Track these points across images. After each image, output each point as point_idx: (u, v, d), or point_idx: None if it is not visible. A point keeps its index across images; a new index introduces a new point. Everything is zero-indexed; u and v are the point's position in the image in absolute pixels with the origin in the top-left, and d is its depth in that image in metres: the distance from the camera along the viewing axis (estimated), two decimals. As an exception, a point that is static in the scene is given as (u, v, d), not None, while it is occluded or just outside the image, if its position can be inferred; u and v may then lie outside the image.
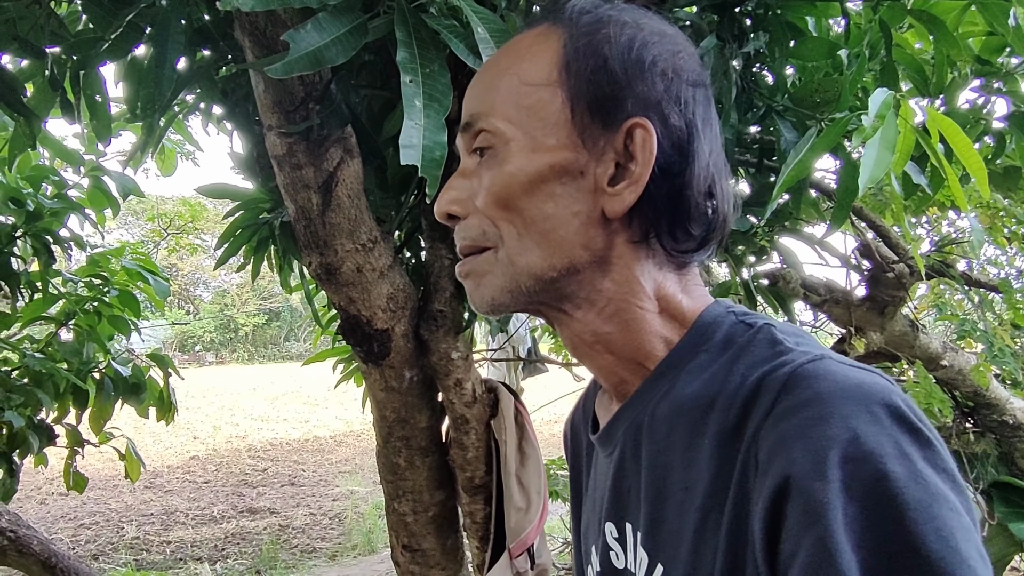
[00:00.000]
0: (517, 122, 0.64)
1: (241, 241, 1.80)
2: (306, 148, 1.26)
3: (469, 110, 0.68)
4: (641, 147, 0.62)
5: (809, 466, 0.48)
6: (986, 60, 1.67)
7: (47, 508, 7.91)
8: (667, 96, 0.64)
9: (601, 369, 0.69)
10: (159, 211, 9.23)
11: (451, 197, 0.68)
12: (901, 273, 2.25)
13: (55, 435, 2.37)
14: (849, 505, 0.46)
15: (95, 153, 2.16)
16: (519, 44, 0.68)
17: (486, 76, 0.68)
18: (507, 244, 0.65)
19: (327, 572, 5.86)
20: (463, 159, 0.69)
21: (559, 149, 0.63)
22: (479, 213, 0.66)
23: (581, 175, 0.64)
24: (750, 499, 0.52)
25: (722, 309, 0.67)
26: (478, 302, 0.68)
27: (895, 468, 0.47)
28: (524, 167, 0.63)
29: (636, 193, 0.62)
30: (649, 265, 0.66)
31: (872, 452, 0.47)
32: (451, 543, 1.80)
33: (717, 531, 0.55)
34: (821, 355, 0.55)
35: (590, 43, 0.64)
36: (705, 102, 0.66)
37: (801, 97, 1.53)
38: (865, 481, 0.47)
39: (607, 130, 0.63)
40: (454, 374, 1.59)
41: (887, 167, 1.18)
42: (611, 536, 0.70)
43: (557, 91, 0.64)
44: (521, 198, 0.64)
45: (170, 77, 1.17)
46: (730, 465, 0.55)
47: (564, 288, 0.65)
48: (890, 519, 0.45)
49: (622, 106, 0.63)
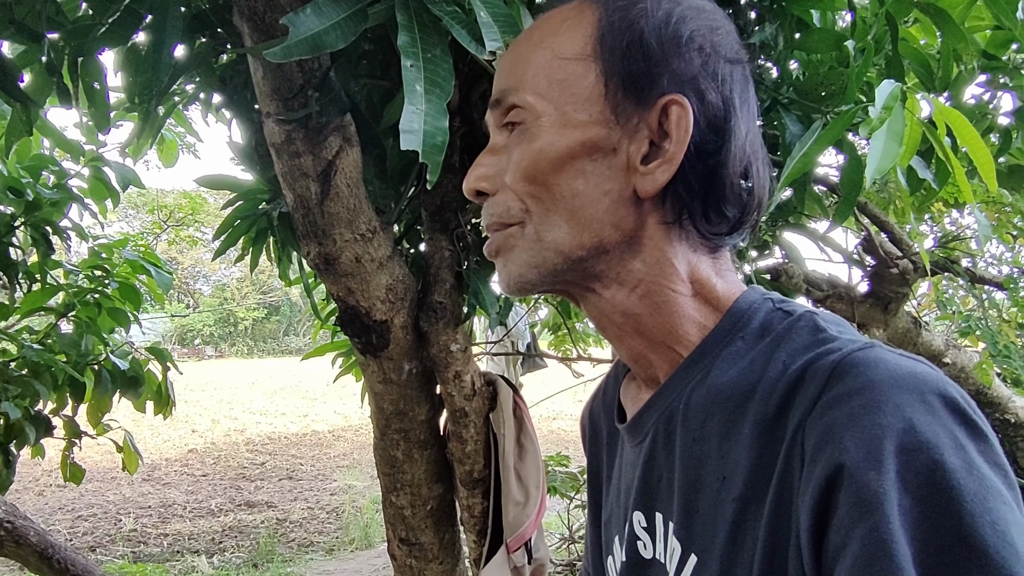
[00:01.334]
0: (549, 97, 0.63)
1: (239, 232, 1.78)
2: (305, 136, 1.25)
3: (500, 85, 0.66)
4: (676, 125, 0.61)
5: (863, 455, 0.46)
6: (992, 55, 1.65)
7: (44, 500, 7.90)
8: (704, 72, 0.62)
9: (630, 352, 0.68)
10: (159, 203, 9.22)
11: (480, 173, 0.66)
12: (905, 269, 2.23)
13: (52, 427, 2.36)
14: (904, 496, 0.45)
15: (95, 143, 2.15)
16: (553, 18, 0.66)
17: (518, 50, 0.67)
18: (535, 220, 0.63)
19: (324, 566, 5.85)
20: (492, 135, 0.68)
21: (591, 125, 0.62)
22: (507, 189, 0.64)
23: (613, 152, 0.62)
24: (794, 489, 0.51)
25: (758, 295, 0.65)
26: (506, 280, 0.66)
27: (951, 459, 0.45)
28: (555, 142, 0.62)
29: (669, 172, 0.61)
30: (682, 246, 0.64)
31: (928, 442, 0.46)
32: (448, 537, 1.79)
33: (757, 522, 0.54)
34: (870, 343, 0.54)
35: (625, 17, 0.62)
36: (743, 80, 0.65)
37: (806, 90, 1.52)
38: (920, 472, 0.45)
39: (641, 107, 0.62)
40: (453, 367, 1.58)
41: (894, 159, 1.17)
42: (639, 526, 0.69)
43: (591, 65, 0.62)
44: (551, 174, 0.62)
45: (167, 63, 1.16)
46: (772, 454, 0.54)
47: (592, 267, 0.64)
48: (946, 511, 0.44)
49: (657, 82, 0.61)
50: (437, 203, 1.53)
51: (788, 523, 0.51)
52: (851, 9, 1.53)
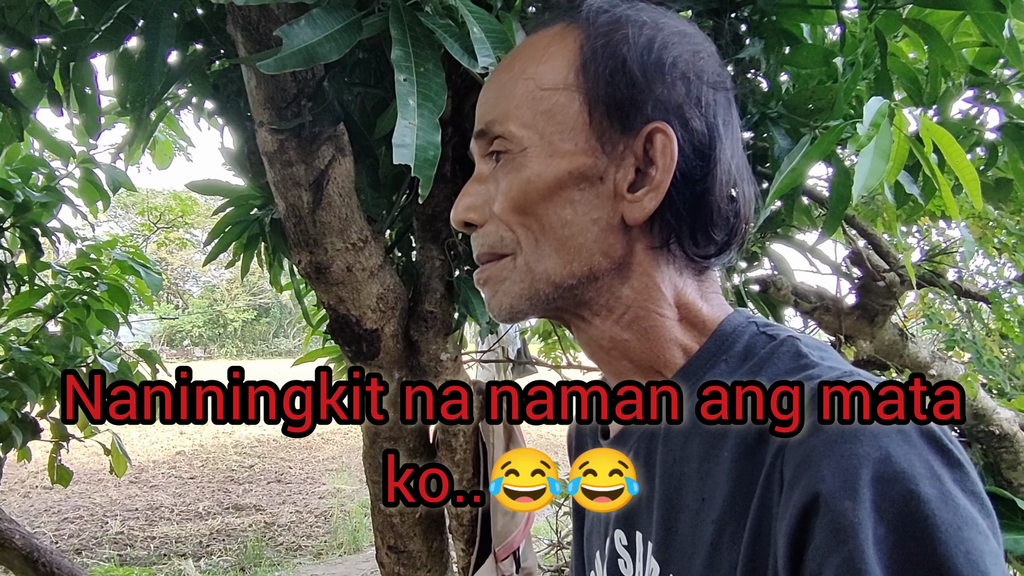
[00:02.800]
0: (534, 127, 0.63)
1: (231, 237, 1.78)
2: (297, 145, 1.25)
3: (484, 116, 0.66)
4: (661, 153, 0.61)
5: (839, 484, 0.47)
6: (980, 71, 1.67)
7: (30, 502, 7.85)
8: (688, 99, 0.62)
9: (616, 375, 0.68)
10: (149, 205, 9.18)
11: (467, 204, 0.66)
12: (891, 282, 2.25)
13: (40, 429, 2.35)
14: (879, 525, 0.45)
15: (86, 145, 2.15)
16: (534, 45, 0.66)
17: (500, 80, 0.67)
18: (525, 251, 0.64)
19: (312, 570, 5.84)
20: (478, 164, 0.68)
21: (577, 154, 0.62)
22: (496, 219, 0.64)
23: (600, 181, 0.62)
24: (773, 514, 0.51)
25: (743, 319, 0.65)
26: (496, 309, 0.66)
27: (926, 489, 0.46)
28: (542, 173, 0.62)
29: (657, 200, 0.61)
30: (669, 271, 0.64)
31: (903, 472, 0.46)
32: (437, 545, 1.79)
33: (734, 545, 0.54)
34: (849, 371, 0.54)
35: (608, 44, 0.62)
36: (726, 104, 0.65)
37: (795, 104, 1.53)
38: (896, 502, 0.46)
39: (626, 134, 0.62)
40: (443, 375, 1.59)
41: (881, 175, 1.18)
42: (620, 544, 0.69)
43: (574, 94, 0.62)
44: (539, 204, 0.62)
45: (160, 70, 1.16)
46: (751, 479, 0.54)
47: (583, 295, 0.64)
48: (920, 541, 0.44)
49: (641, 109, 0.61)
50: (428, 213, 1.53)
51: (767, 547, 0.52)
52: (840, 24, 1.54)
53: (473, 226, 0.67)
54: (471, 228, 0.67)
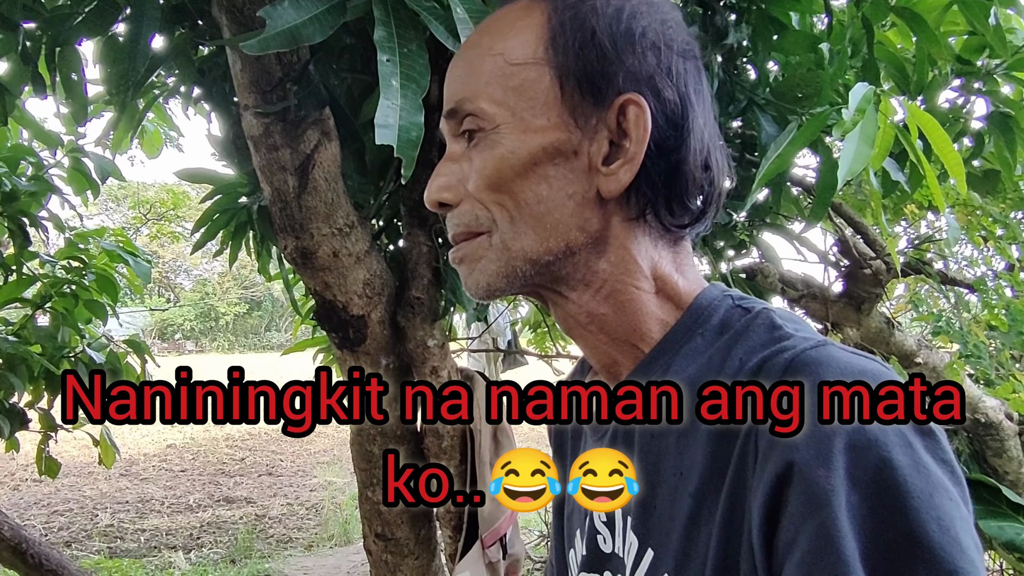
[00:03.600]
0: (505, 104, 0.62)
1: (219, 226, 1.78)
2: (283, 129, 1.25)
3: (453, 96, 0.65)
4: (635, 124, 0.61)
5: (812, 453, 0.47)
6: (967, 60, 1.67)
7: (20, 494, 7.82)
8: (659, 69, 0.62)
9: (594, 349, 0.68)
10: (141, 197, 9.14)
11: (441, 183, 0.65)
12: (878, 270, 2.26)
13: (27, 420, 2.34)
14: (852, 493, 0.46)
15: (75, 134, 2.13)
16: (500, 21, 0.66)
17: (467, 57, 0.66)
18: (501, 228, 0.63)
19: (303, 562, 5.83)
20: (449, 144, 0.67)
21: (550, 129, 0.61)
22: (471, 198, 0.64)
23: (575, 155, 0.62)
24: (748, 485, 0.52)
25: (718, 292, 0.65)
26: (473, 288, 0.66)
27: (898, 456, 0.46)
28: (515, 150, 0.61)
29: (632, 172, 0.61)
30: (645, 242, 0.64)
31: (876, 440, 0.47)
32: (424, 533, 1.80)
33: (711, 517, 0.54)
34: (823, 341, 0.55)
35: (576, 16, 0.62)
36: (696, 72, 0.65)
37: (782, 91, 1.53)
38: (868, 469, 0.46)
39: (598, 107, 0.61)
40: (430, 362, 1.59)
41: (866, 161, 1.18)
42: (599, 520, 0.69)
43: (544, 69, 0.62)
44: (514, 181, 0.62)
45: (144, 53, 1.16)
46: (727, 450, 0.54)
47: (560, 270, 0.64)
48: (892, 508, 0.45)
49: (612, 81, 0.61)
50: (415, 198, 1.53)
51: (741, 519, 0.52)
52: (828, 12, 1.55)
53: (448, 206, 0.66)
54: (445, 208, 0.67)
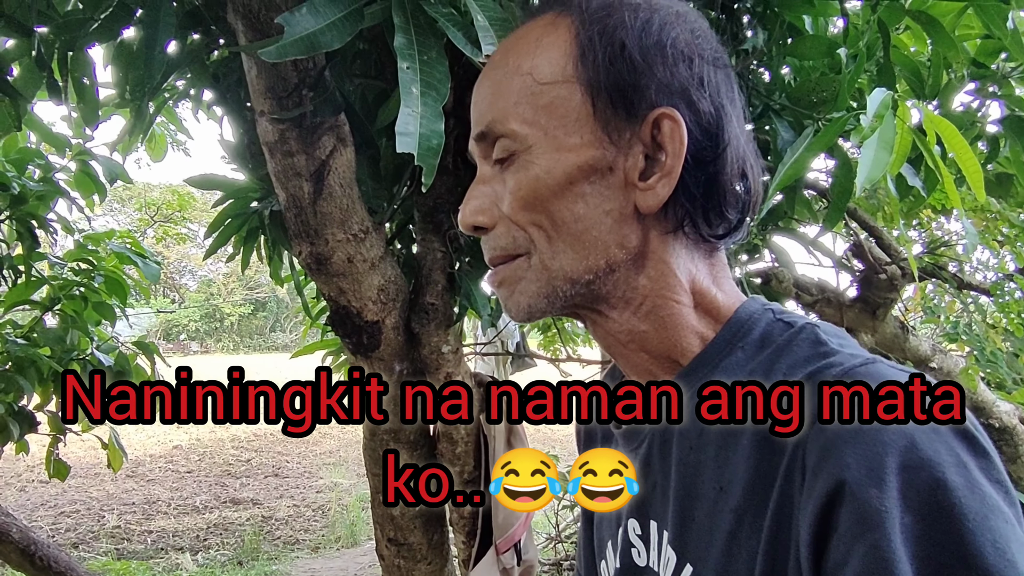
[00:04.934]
0: (536, 124, 0.61)
1: (230, 231, 1.77)
2: (298, 135, 1.24)
3: (483, 118, 0.65)
4: (670, 138, 0.60)
5: (864, 472, 0.46)
6: (982, 63, 1.66)
7: (27, 496, 7.84)
8: (691, 80, 0.61)
9: (634, 366, 0.67)
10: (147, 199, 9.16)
11: (475, 207, 0.65)
12: (893, 275, 2.25)
13: (36, 422, 2.34)
14: (906, 514, 0.45)
15: (82, 137, 2.13)
16: (525, 38, 0.64)
17: (494, 78, 0.65)
18: (539, 249, 0.62)
19: (310, 564, 5.84)
20: (480, 166, 0.66)
21: (584, 147, 0.61)
22: (506, 220, 0.63)
23: (610, 171, 0.61)
24: (795, 503, 0.51)
25: (759, 306, 0.65)
26: (514, 310, 0.65)
27: (953, 477, 0.45)
28: (551, 170, 0.61)
29: (670, 186, 0.60)
30: (683, 254, 0.63)
31: (929, 460, 0.46)
32: (437, 538, 1.79)
33: (754, 534, 0.53)
34: (872, 359, 0.54)
35: (604, 30, 0.61)
36: (727, 81, 0.64)
37: (798, 96, 1.52)
38: (922, 490, 0.45)
39: (632, 122, 0.60)
40: (444, 368, 1.58)
41: (885, 167, 1.17)
42: (634, 533, 0.69)
43: (575, 86, 0.61)
44: (550, 201, 0.61)
45: (160, 59, 1.15)
46: (771, 467, 0.53)
47: (600, 289, 0.63)
48: (947, 530, 0.44)
49: (645, 95, 0.60)
50: (430, 204, 1.53)
51: (788, 537, 0.51)
52: (843, 16, 1.53)
53: (483, 229, 0.65)
54: (481, 231, 0.66)
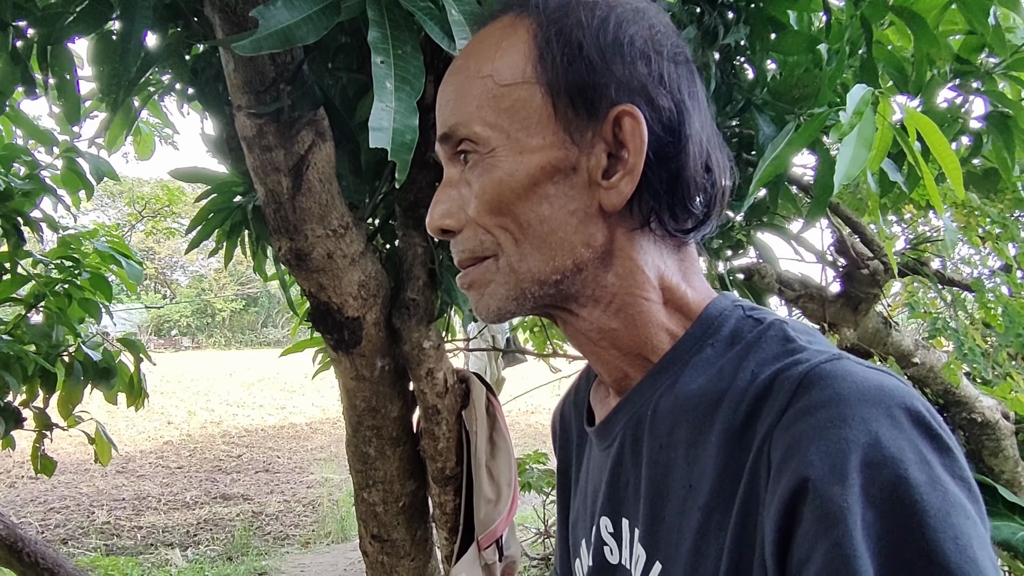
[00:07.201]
0: (498, 126, 0.61)
1: (213, 225, 1.77)
2: (276, 130, 1.23)
3: (446, 122, 0.65)
4: (631, 135, 0.60)
5: (827, 469, 0.47)
6: (965, 59, 1.67)
7: (16, 492, 7.81)
8: (650, 77, 0.61)
9: (605, 364, 0.68)
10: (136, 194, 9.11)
11: (442, 211, 0.65)
12: (875, 270, 2.25)
13: (22, 418, 2.33)
14: (868, 510, 0.45)
15: (69, 134, 2.12)
16: (485, 42, 0.65)
17: (456, 82, 0.65)
18: (506, 251, 0.63)
19: (300, 559, 5.83)
20: (446, 169, 0.67)
21: (547, 148, 0.61)
22: (473, 223, 0.63)
23: (573, 171, 0.61)
24: (760, 500, 0.51)
25: (728, 303, 0.65)
26: (483, 312, 0.66)
27: (915, 475, 0.46)
28: (514, 172, 0.61)
29: (633, 183, 0.60)
30: (651, 250, 0.64)
31: (892, 457, 0.46)
32: (420, 534, 1.79)
33: (721, 531, 0.54)
34: (838, 355, 0.54)
35: (561, 30, 0.61)
36: (689, 76, 0.64)
37: (780, 91, 1.52)
38: (885, 487, 0.45)
39: (593, 121, 0.61)
40: (426, 363, 1.58)
41: (863, 164, 1.18)
42: (606, 531, 0.69)
43: (535, 87, 0.61)
44: (515, 204, 0.61)
45: (136, 52, 1.14)
46: (738, 464, 0.54)
47: (569, 288, 0.63)
48: (909, 527, 0.44)
49: (605, 93, 0.60)
50: (410, 199, 1.52)
51: (753, 534, 0.51)
52: (826, 11, 1.53)
53: (451, 232, 0.66)
54: (449, 235, 0.66)
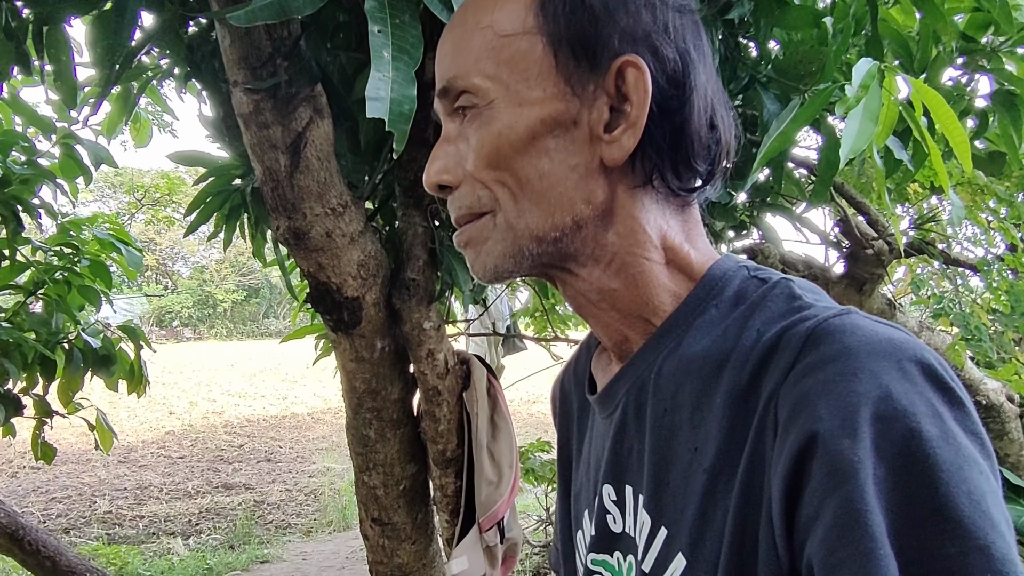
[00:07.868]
0: (498, 78, 0.60)
1: (212, 208, 1.75)
2: (273, 106, 1.22)
3: (445, 74, 0.63)
4: (635, 87, 0.58)
5: (837, 423, 0.45)
6: (971, 37, 1.64)
7: (18, 481, 7.82)
8: (655, 27, 0.59)
9: (605, 327, 0.66)
10: (136, 183, 9.09)
11: (439, 167, 0.63)
12: (880, 250, 2.24)
13: (22, 406, 2.33)
14: (879, 465, 0.44)
15: (68, 120, 2.10)
16: None
17: (455, 34, 0.63)
18: (504, 207, 0.61)
19: (301, 548, 5.84)
20: (444, 125, 0.65)
21: (547, 100, 0.59)
22: (470, 178, 0.62)
23: (574, 125, 0.60)
24: (767, 459, 0.50)
25: (733, 263, 0.63)
26: (480, 271, 0.64)
27: (927, 428, 0.44)
28: (513, 124, 0.59)
29: (636, 137, 0.59)
30: (653, 209, 0.62)
31: (904, 410, 0.45)
32: (421, 517, 1.78)
33: (728, 493, 0.52)
34: (846, 310, 0.52)
35: None
36: (694, 27, 0.63)
37: (785, 68, 1.51)
38: (896, 441, 0.44)
39: (595, 73, 0.59)
40: (426, 344, 1.56)
41: (869, 138, 1.16)
42: (609, 499, 0.67)
43: (536, 38, 0.59)
44: (513, 158, 0.60)
45: (129, 26, 1.12)
46: (744, 424, 0.52)
47: (568, 247, 0.62)
48: (921, 480, 0.43)
49: (608, 44, 0.58)
50: (411, 178, 1.51)
51: (760, 494, 0.50)
52: (831, -12, 1.52)
53: (448, 188, 0.64)
54: (446, 191, 0.64)
